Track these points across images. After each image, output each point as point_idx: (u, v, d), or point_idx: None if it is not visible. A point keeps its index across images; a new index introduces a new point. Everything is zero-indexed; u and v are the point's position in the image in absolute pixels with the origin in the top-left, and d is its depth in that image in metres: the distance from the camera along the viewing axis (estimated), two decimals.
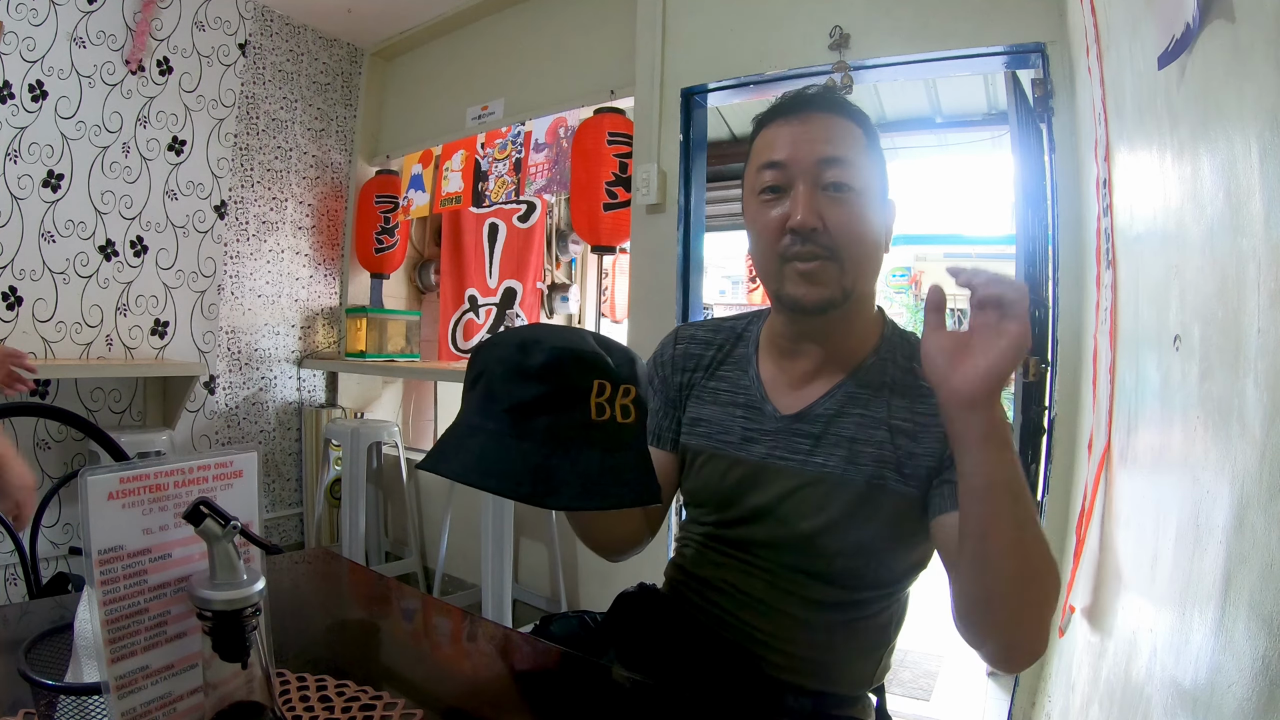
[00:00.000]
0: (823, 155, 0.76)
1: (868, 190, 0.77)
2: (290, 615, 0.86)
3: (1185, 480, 0.66)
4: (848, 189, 0.76)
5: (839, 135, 0.77)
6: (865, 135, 0.80)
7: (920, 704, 2.12)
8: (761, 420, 0.84)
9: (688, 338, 0.94)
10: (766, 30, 2.12)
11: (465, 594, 2.75)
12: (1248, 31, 0.51)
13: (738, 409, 0.86)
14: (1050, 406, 1.77)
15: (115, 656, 0.46)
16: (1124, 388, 1.04)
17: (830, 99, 0.80)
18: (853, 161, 0.76)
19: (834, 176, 0.75)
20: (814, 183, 0.76)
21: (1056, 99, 1.72)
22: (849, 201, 0.76)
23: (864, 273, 0.79)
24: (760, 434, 0.83)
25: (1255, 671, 0.46)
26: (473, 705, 0.70)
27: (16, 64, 2.24)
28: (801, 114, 0.79)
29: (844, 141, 0.77)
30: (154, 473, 0.48)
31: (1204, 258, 0.63)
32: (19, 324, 2.28)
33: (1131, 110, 0.95)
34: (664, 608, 0.92)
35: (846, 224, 0.75)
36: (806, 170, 0.76)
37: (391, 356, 3.21)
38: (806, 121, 0.78)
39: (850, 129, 0.78)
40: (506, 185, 2.83)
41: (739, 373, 0.88)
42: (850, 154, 0.77)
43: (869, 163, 0.79)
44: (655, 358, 0.95)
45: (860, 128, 0.80)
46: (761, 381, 0.86)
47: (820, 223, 0.75)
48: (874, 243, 0.79)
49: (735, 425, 0.85)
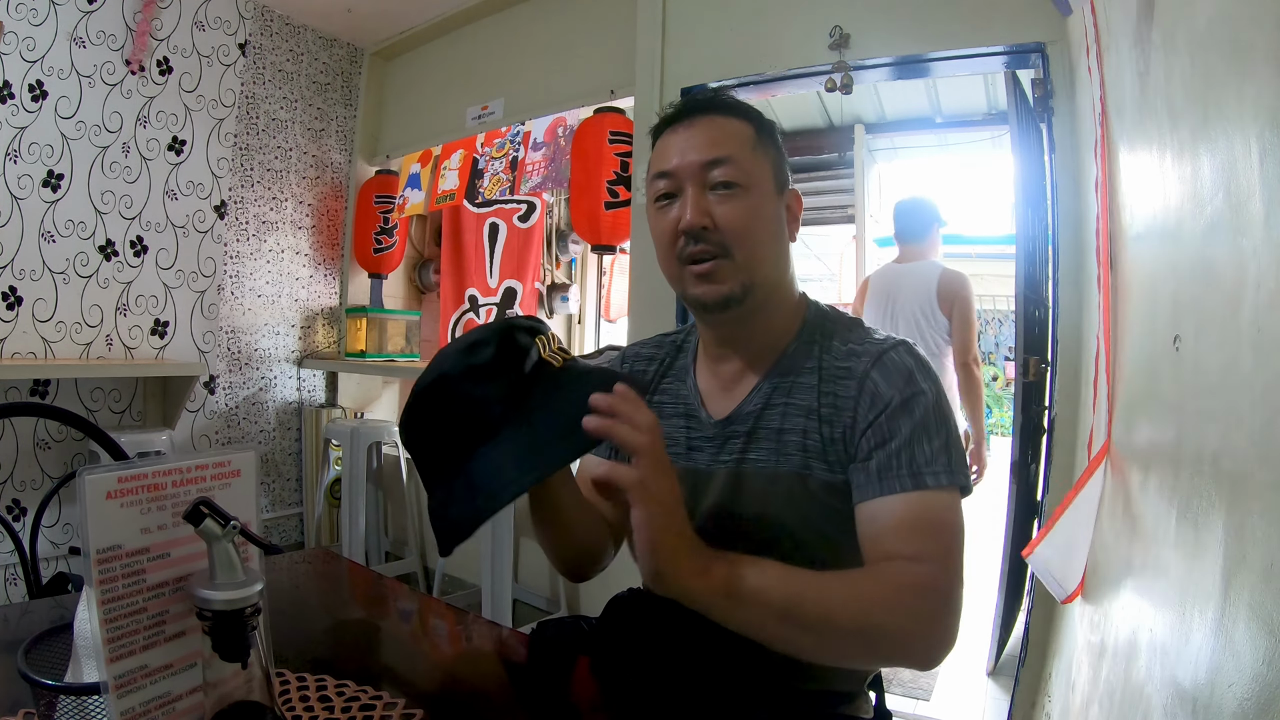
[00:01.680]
0: (707, 157, 0.78)
1: (757, 185, 0.79)
2: (290, 615, 0.86)
3: (1185, 480, 0.66)
4: (734, 186, 0.77)
5: (723, 135, 0.79)
6: (756, 130, 0.81)
7: (920, 704, 2.12)
8: (700, 427, 0.85)
9: (633, 356, 0.97)
10: (766, 30, 2.12)
11: (465, 594, 2.75)
12: (1248, 31, 0.51)
13: (680, 419, 0.87)
14: (1050, 406, 1.77)
15: (114, 656, 0.46)
16: (1124, 388, 1.04)
17: (716, 101, 0.82)
18: (738, 159, 0.78)
19: (720, 176, 0.77)
20: (701, 184, 0.78)
21: (1056, 99, 1.72)
22: (736, 198, 0.77)
23: (761, 265, 0.79)
24: (701, 440, 0.85)
25: (1255, 671, 0.46)
26: (473, 705, 0.70)
27: (16, 64, 2.24)
28: (688, 120, 0.81)
29: (729, 141, 0.79)
30: (152, 472, 0.48)
31: (1204, 257, 0.63)
32: (19, 324, 2.28)
33: (1131, 110, 0.95)
34: (655, 611, 0.92)
35: (735, 220, 0.77)
36: (693, 173, 0.78)
37: (391, 356, 3.21)
38: (692, 126, 0.80)
39: (737, 127, 0.80)
40: (501, 182, 2.83)
41: (679, 383, 0.90)
42: (735, 152, 0.78)
43: (758, 158, 0.80)
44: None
45: (751, 123, 0.81)
46: (698, 389, 0.88)
47: (709, 221, 0.77)
48: (769, 235, 0.80)
49: (680, 435, 0.87)
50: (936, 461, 0.71)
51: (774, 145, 0.83)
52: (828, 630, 0.63)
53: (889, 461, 0.72)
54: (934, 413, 0.74)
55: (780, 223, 0.82)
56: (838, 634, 0.63)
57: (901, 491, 0.70)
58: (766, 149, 0.81)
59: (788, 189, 0.84)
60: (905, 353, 0.77)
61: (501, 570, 2.35)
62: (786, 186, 0.84)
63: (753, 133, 0.81)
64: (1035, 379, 1.97)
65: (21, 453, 2.31)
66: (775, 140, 0.83)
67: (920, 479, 0.70)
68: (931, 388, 0.75)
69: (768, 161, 0.81)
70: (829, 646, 0.65)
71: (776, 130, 0.84)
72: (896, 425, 0.73)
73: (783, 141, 0.86)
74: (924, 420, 0.73)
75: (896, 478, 0.71)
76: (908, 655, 0.66)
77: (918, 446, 0.72)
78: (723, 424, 0.83)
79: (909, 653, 0.65)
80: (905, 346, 0.79)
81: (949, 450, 0.72)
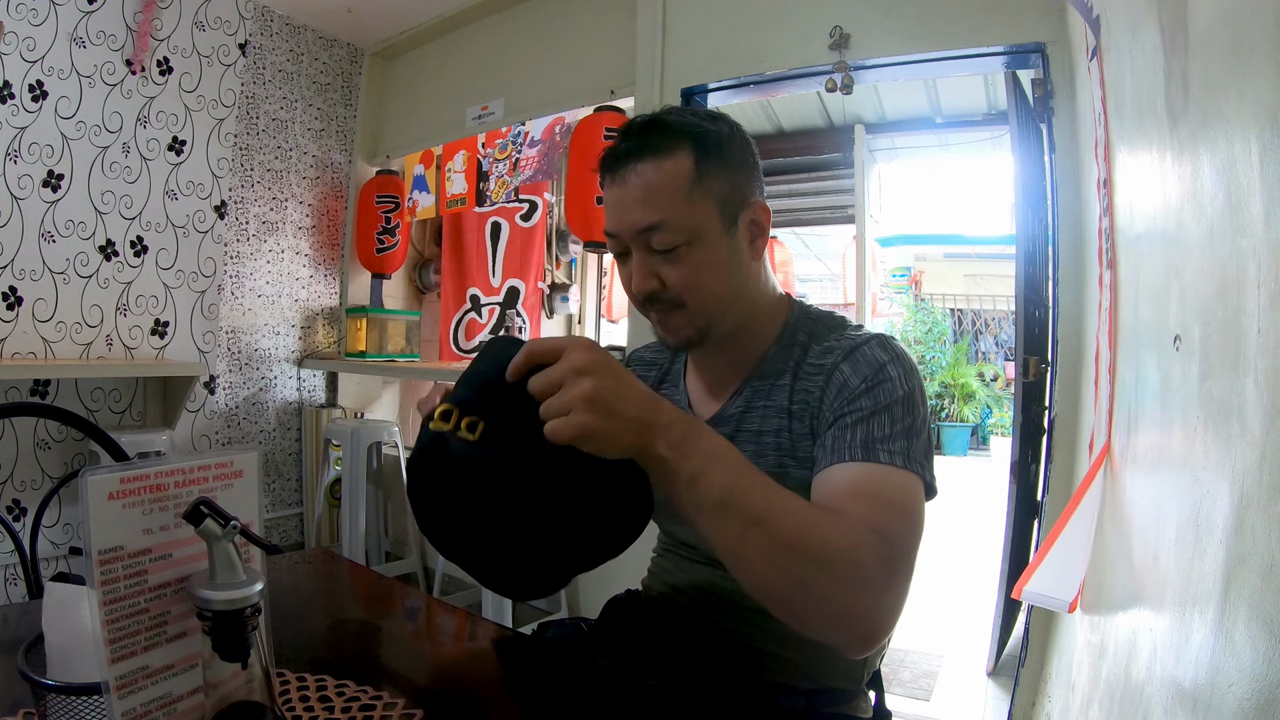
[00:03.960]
0: (642, 223, 0.75)
1: (701, 235, 0.76)
2: (290, 615, 0.86)
3: (1185, 480, 0.66)
4: (675, 246, 0.75)
5: (654, 191, 0.75)
6: (696, 163, 0.75)
7: (920, 704, 2.12)
8: None
9: (636, 360, 1.00)
10: (766, 30, 2.12)
11: (465, 594, 2.75)
12: (1248, 31, 0.51)
13: None
14: (1050, 406, 1.77)
15: (115, 657, 0.46)
16: (1124, 388, 1.04)
17: (646, 141, 0.76)
18: (671, 219, 0.74)
19: (658, 243, 0.75)
20: (645, 247, 0.77)
21: (1056, 99, 1.72)
22: (680, 258, 0.76)
23: (718, 305, 0.79)
24: None
25: (1255, 672, 0.46)
26: (473, 705, 0.70)
27: (16, 64, 2.24)
28: (618, 174, 0.77)
29: (659, 197, 0.74)
30: (154, 473, 0.48)
31: (1204, 258, 0.63)
32: (19, 324, 2.28)
33: (1131, 110, 0.95)
34: (652, 613, 0.92)
35: (681, 280, 0.76)
36: (633, 239, 0.77)
37: (391, 356, 3.21)
38: (623, 183, 0.77)
39: (670, 171, 0.75)
40: (506, 185, 2.84)
41: (673, 388, 0.92)
42: (668, 210, 0.74)
43: (697, 203, 0.75)
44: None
45: (690, 153, 0.75)
46: (688, 393, 0.90)
47: (657, 284, 0.77)
48: (721, 278, 0.78)
49: None
50: (893, 442, 0.69)
51: (722, 170, 0.77)
52: (763, 535, 0.59)
53: (842, 434, 0.70)
54: (900, 401, 0.72)
55: (736, 257, 0.79)
56: (772, 546, 0.59)
57: (851, 460, 0.68)
58: (710, 184, 0.76)
59: (748, 207, 0.79)
60: (879, 346, 0.77)
61: None
62: (745, 206, 0.79)
63: (690, 170, 0.75)
64: (1035, 379, 1.97)
65: (21, 453, 2.31)
66: (725, 160, 0.77)
67: (872, 452, 0.68)
68: (902, 378, 0.73)
69: (711, 200, 0.76)
70: (759, 558, 0.60)
71: (731, 141, 0.79)
72: (857, 405, 0.72)
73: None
74: (887, 404, 0.71)
75: (847, 448, 0.69)
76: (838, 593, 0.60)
77: (875, 423, 0.70)
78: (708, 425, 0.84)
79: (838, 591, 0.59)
80: (880, 340, 0.78)
81: (909, 437, 0.70)
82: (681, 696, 0.74)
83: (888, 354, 0.75)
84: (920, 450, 0.71)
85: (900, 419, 0.71)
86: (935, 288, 9.19)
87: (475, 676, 0.78)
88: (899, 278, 8.96)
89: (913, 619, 0.92)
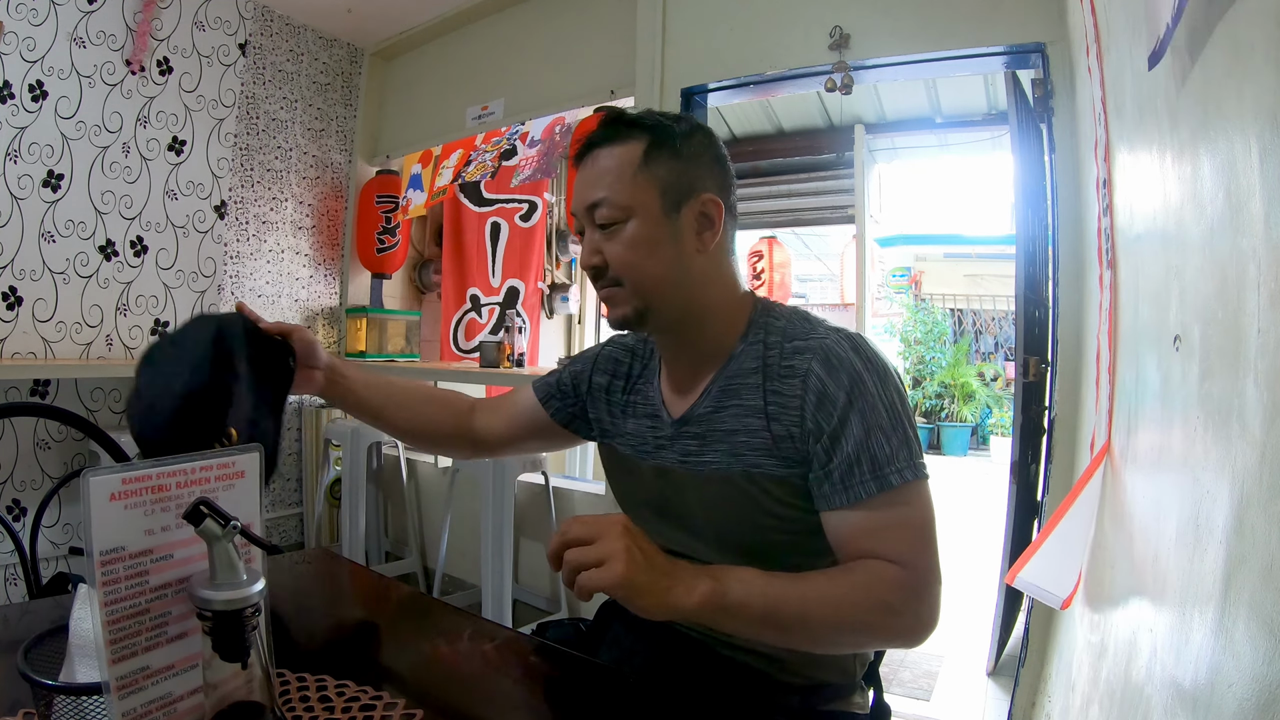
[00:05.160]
0: (589, 201, 0.81)
1: (639, 213, 0.79)
2: (290, 615, 0.86)
3: (1185, 480, 0.66)
4: (616, 223, 0.80)
5: (603, 172, 0.81)
6: (647, 149, 0.80)
7: (920, 704, 2.12)
8: (662, 427, 0.87)
9: (616, 343, 1.01)
10: (766, 30, 2.12)
11: (465, 594, 2.75)
12: (1248, 31, 0.51)
13: (647, 419, 0.90)
14: (1050, 406, 1.77)
15: (116, 657, 0.46)
16: (1124, 388, 1.04)
17: (605, 132, 0.82)
18: (613, 195, 0.79)
19: (602, 217, 0.81)
20: (592, 225, 0.82)
21: (1056, 99, 1.72)
22: (619, 234, 0.80)
23: (656, 286, 0.81)
24: (663, 440, 0.87)
25: (1255, 672, 0.46)
26: (472, 705, 0.70)
27: (16, 64, 2.24)
28: (583, 160, 0.84)
29: (606, 177, 0.80)
30: (156, 473, 0.48)
31: (1204, 258, 0.63)
32: (19, 324, 2.28)
33: (1131, 110, 0.95)
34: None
35: (617, 254, 0.80)
36: (585, 216, 0.83)
37: (391, 357, 3.21)
38: (585, 167, 0.84)
39: (621, 155, 0.80)
40: (486, 167, 2.83)
41: (647, 385, 0.93)
42: (611, 188, 0.80)
43: (640, 183, 0.79)
44: (584, 352, 1.04)
45: (644, 142, 0.80)
46: (660, 391, 0.90)
47: (600, 259, 0.82)
48: (656, 257, 0.80)
49: (648, 435, 0.89)
50: (897, 458, 0.73)
51: (672, 159, 0.80)
52: (806, 631, 0.69)
53: (850, 469, 0.73)
54: (884, 406, 0.74)
55: (675, 242, 0.80)
56: (817, 633, 0.70)
57: (868, 497, 0.72)
58: (655, 169, 0.79)
59: (696, 198, 0.81)
60: (848, 345, 0.77)
61: (501, 571, 2.35)
62: (692, 196, 0.81)
63: (639, 156, 0.79)
64: (1035, 379, 1.97)
65: (21, 453, 2.31)
66: (677, 151, 0.80)
67: (884, 480, 0.72)
68: (876, 379, 0.75)
69: (654, 184, 0.79)
70: (811, 643, 0.72)
71: (689, 137, 0.82)
72: (850, 428, 0.73)
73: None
74: (876, 418, 0.73)
75: (861, 484, 0.72)
76: (888, 642, 0.74)
77: (876, 446, 0.73)
78: (678, 424, 0.85)
79: (889, 641, 0.73)
80: (846, 337, 0.79)
81: (908, 443, 0.74)
82: (677, 696, 0.74)
83: (860, 358, 0.76)
84: (916, 450, 0.74)
85: (892, 427, 0.74)
86: (935, 288, 9.19)
87: (475, 676, 0.78)
88: (899, 278, 8.96)
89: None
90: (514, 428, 1.03)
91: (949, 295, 9.17)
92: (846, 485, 0.73)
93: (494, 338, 2.83)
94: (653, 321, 0.83)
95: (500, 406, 1.05)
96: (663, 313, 0.82)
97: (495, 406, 1.05)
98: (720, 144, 0.86)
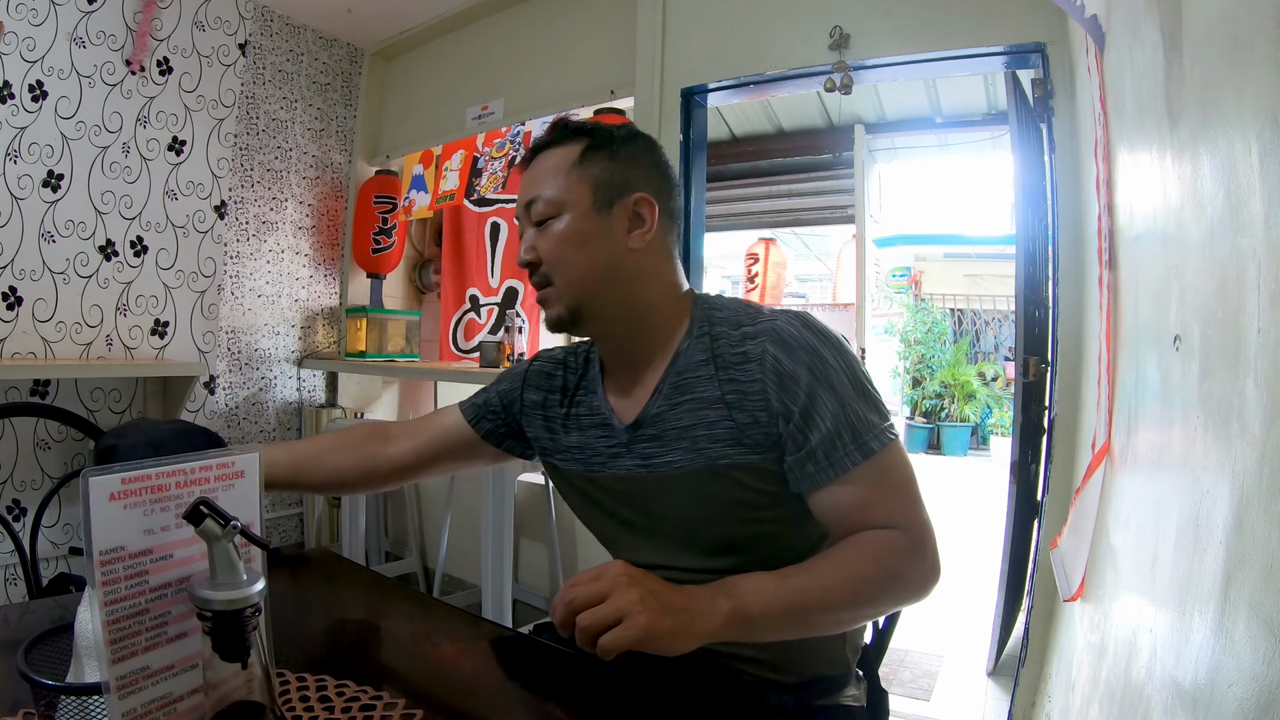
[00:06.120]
0: (526, 199, 0.84)
1: (571, 209, 0.82)
2: (290, 615, 0.86)
3: (1185, 480, 0.66)
4: (549, 219, 0.82)
5: (541, 172, 0.84)
6: (583, 151, 0.83)
7: (920, 704, 2.12)
8: (615, 434, 0.86)
9: (544, 357, 1.00)
10: (766, 30, 2.12)
11: (465, 594, 2.75)
12: (1248, 31, 0.51)
13: (596, 430, 0.89)
14: (1050, 406, 1.77)
15: (116, 657, 0.46)
16: (1124, 388, 1.04)
17: (550, 137, 0.86)
18: (547, 192, 0.82)
19: (537, 213, 0.83)
20: (529, 222, 0.85)
21: (1056, 99, 1.72)
22: (551, 230, 0.82)
23: (585, 283, 0.82)
24: (618, 447, 0.86)
25: (1255, 672, 0.46)
26: (473, 705, 0.70)
27: (16, 64, 2.24)
28: (526, 163, 0.87)
29: (543, 176, 0.84)
30: (156, 473, 0.48)
31: (1204, 258, 0.63)
32: (19, 324, 2.28)
33: (1131, 110, 0.95)
34: None
35: (547, 249, 0.83)
36: (524, 215, 0.85)
37: (391, 356, 3.21)
38: (528, 169, 0.87)
39: (559, 156, 0.84)
40: (497, 178, 2.83)
41: (591, 395, 0.91)
42: (546, 185, 0.83)
43: (573, 181, 0.82)
44: (511, 369, 1.03)
45: (580, 144, 0.83)
46: (607, 399, 0.89)
47: (535, 255, 0.83)
48: (586, 253, 0.82)
49: (599, 446, 0.88)
50: (873, 424, 0.75)
51: (608, 160, 0.83)
52: (830, 618, 0.72)
53: (833, 443, 0.74)
54: (849, 376, 0.76)
55: (606, 237, 0.82)
56: (840, 617, 0.73)
57: (854, 468, 0.74)
58: (589, 168, 0.82)
59: (629, 196, 0.82)
60: (800, 324, 0.78)
61: (501, 570, 2.35)
62: (626, 194, 0.82)
63: (576, 156, 0.83)
64: (1035, 379, 1.97)
65: (21, 453, 2.31)
66: (614, 153, 0.83)
67: (866, 448, 0.74)
68: (834, 352, 0.77)
69: (587, 181, 0.82)
70: (835, 628, 0.76)
71: (629, 141, 0.85)
72: (821, 404, 0.74)
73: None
74: (844, 389, 0.75)
75: (846, 455, 0.74)
76: (903, 602, 0.77)
77: (853, 416, 0.74)
78: (631, 429, 0.84)
79: (903, 600, 0.76)
80: (795, 316, 0.80)
81: (877, 407, 0.77)
82: (675, 698, 0.74)
83: (813, 334, 0.78)
84: (885, 413, 0.77)
85: (859, 396, 0.76)
86: (935, 288, 9.19)
87: (475, 676, 0.78)
88: (899, 278, 8.96)
89: (913, 619, 0.92)
90: (433, 448, 0.99)
91: (949, 295, 9.17)
92: (832, 460, 0.74)
93: (494, 338, 2.83)
94: (587, 320, 0.84)
95: (416, 430, 1.01)
96: (595, 310, 0.83)
97: (410, 430, 1.01)
98: (662, 153, 0.88)
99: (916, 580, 0.74)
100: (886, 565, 0.72)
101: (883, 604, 0.75)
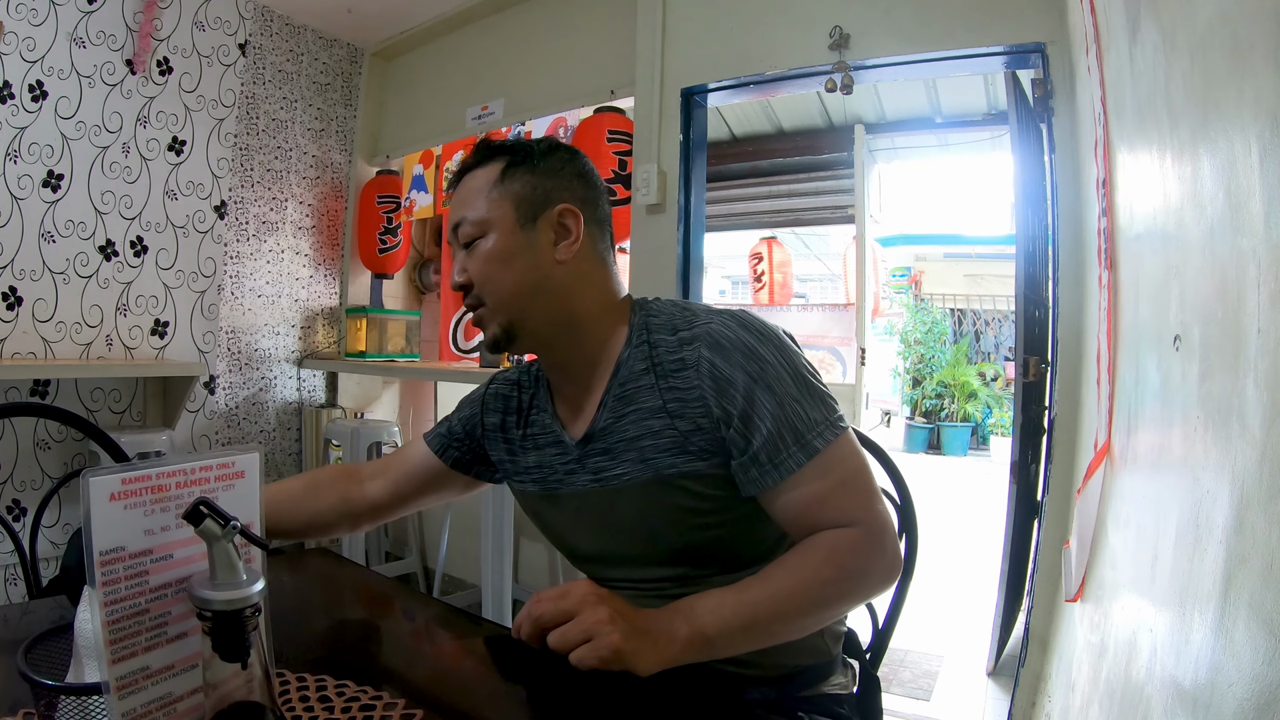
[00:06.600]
0: (454, 222, 0.85)
1: (494, 228, 0.82)
2: (290, 615, 0.86)
3: (1185, 480, 0.66)
4: (476, 239, 0.83)
5: (465, 195, 0.85)
6: (504, 169, 0.83)
7: (920, 704, 2.12)
8: (567, 451, 0.86)
9: (501, 379, 0.99)
10: (766, 30, 2.11)
11: (465, 594, 2.75)
12: (1248, 31, 0.51)
13: (551, 448, 0.88)
14: (1050, 406, 1.77)
15: (116, 657, 0.46)
16: (1124, 387, 1.04)
17: (472, 159, 0.87)
18: (471, 214, 0.83)
19: (464, 235, 0.84)
20: (458, 245, 0.85)
21: (1056, 99, 1.72)
22: (479, 250, 0.82)
23: (515, 300, 0.82)
24: (572, 464, 0.85)
25: (1255, 672, 0.46)
26: (473, 705, 0.70)
27: (16, 64, 2.24)
28: (453, 186, 0.88)
29: (467, 199, 0.84)
30: (156, 474, 0.48)
31: (1204, 258, 0.63)
32: (19, 324, 2.28)
33: (1131, 110, 0.95)
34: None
35: (475, 270, 0.83)
36: (453, 239, 0.86)
37: (391, 356, 3.21)
38: (452, 195, 0.88)
39: (481, 178, 0.84)
40: None
41: (542, 414, 0.91)
42: (469, 208, 0.83)
43: (495, 200, 0.82)
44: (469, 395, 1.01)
45: (501, 163, 0.84)
46: (557, 416, 0.89)
47: (465, 278, 0.83)
48: (512, 270, 0.82)
49: (555, 464, 0.88)
50: (816, 421, 0.74)
51: (528, 175, 0.83)
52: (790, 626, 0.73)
53: (775, 445, 0.73)
54: (789, 374, 0.75)
55: (531, 252, 0.82)
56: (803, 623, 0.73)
57: (798, 469, 0.73)
58: (511, 185, 0.82)
59: (553, 208, 0.82)
60: (735, 324, 0.77)
61: (501, 570, 2.35)
62: (549, 207, 0.82)
63: (497, 174, 0.83)
64: (1035, 379, 1.97)
65: (21, 453, 2.31)
66: (533, 168, 0.83)
67: (810, 447, 0.73)
68: (773, 351, 0.76)
69: (509, 198, 0.82)
70: (800, 633, 0.75)
71: (549, 155, 0.85)
72: (760, 405, 0.73)
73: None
74: (784, 388, 0.74)
75: (789, 456, 0.73)
76: (865, 598, 0.77)
77: (793, 415, 0.73)
78: (582, 444, 0.84)
79: (865, 596, 0.77)
80: (731, 316, 0.79)
81: (822, 402, 0.76)
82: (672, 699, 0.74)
83: (750, 333, 0.77)
84: (830, 407, 0.76)
85: (804, 396, 0.75)
86: (935, 288, 9.19)
87: (475, 676, 0.78)
88: (899, 278, 8.96)
89: (913, 619, 0.92)
90: (407, 484, 0.99)
91: (949, 295, 9.17)
92: (775, 463, 0.73)
93: None
94: (523, 338, 0.84)
95: (388, 467, 1.00)
96: (530, 327, 0.83)
97: (382, 469, 1.00)
98: (585, 162, 0.88)
99: (877, 576, 0.74)
100: (843, 566, 0.72)
101: (844, 604, 0.75)
